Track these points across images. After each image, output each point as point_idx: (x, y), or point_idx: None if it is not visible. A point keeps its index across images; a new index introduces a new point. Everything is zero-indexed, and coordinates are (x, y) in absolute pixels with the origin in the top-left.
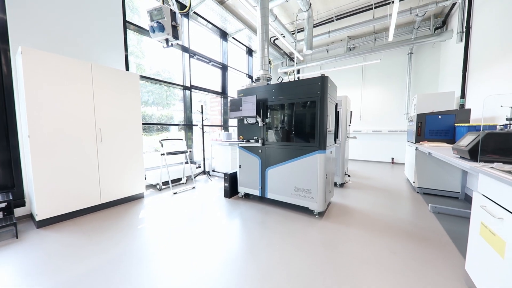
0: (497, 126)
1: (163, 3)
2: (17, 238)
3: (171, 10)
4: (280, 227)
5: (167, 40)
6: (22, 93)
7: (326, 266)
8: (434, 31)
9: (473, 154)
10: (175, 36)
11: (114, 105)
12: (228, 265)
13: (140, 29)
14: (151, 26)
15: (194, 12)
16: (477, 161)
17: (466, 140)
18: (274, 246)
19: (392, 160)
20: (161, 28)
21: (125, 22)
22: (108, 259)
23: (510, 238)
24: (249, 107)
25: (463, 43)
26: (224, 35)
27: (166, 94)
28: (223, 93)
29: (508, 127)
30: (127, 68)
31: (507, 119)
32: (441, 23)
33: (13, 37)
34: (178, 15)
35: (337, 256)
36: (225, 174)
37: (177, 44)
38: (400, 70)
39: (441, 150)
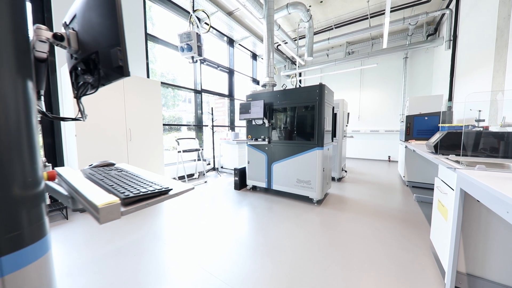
0: (469, 126)
1: (190, 26)
2: (67, 219)
3: (197, 33)
4: (284, 211)
5: (192, 57)
6: (68, 99)
7: (322, 238)
8: (427, 38)
9: (437, 148)
10: (200, 54)
11: (140, 109)
12: (244, 238)
13: (153, 38)
14: (181, 47)
15: (205, 23)
16: (439, 154)
17: (434, 138)
18: (280, 225)
19: (389, 158)
20: (190, 49)
21: (146, 34)
22: (143, 235)
23: (450, 206)
24: (257, 110)
25: (450, 50)
26: (231, 41)
27: (171, 95)
28: (230, 95)
29: (474, 127)
30: (148, 75)
31: (476, 121)
32: (433, 30)
33: (59, 49)
34: (202, 37)
35: (331, 232)
36: (235, 169)
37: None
38: (396, 74)
39: (422, 147)
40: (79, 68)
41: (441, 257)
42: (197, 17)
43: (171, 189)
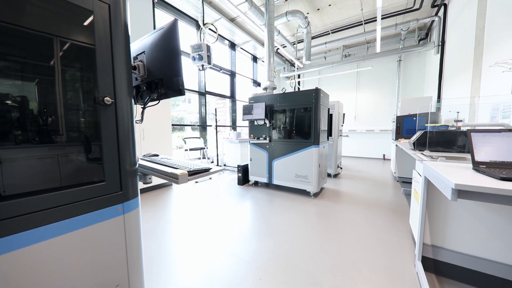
0: (448, 127)
1: (201, 37)
2: None
3: (207, 45)
4: (284, 203)
5: (202, 66)
6: None
7: (317, 224)
8: (419, 42)
9: (415, 145)
10: (209, 62)
11: (152, 110)
12: (249, 224)
13: None
14: (193, 56)
15: (209, 29)
16: (416, 150)
17: (414, 136)
18: (280, 214)
19: (384, 156)
20: (200, 58)
21: None
22: (159, 222)
23: (420, 191)
24: (259, 112)
25: (439, 55)
26: (232, 45)
27: None
28: (232, 97)
29: (452, 127)
30: None
31: (454, 121)
32: (425, 35)
33: None
34: (211, 47)
35: (325, 219)
36: (238, 166)
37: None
38: (390, 76)
39: (407, 145)
40: (143, 87)
41: (415, 235)
42: (204, 25)
43: (211, 168)
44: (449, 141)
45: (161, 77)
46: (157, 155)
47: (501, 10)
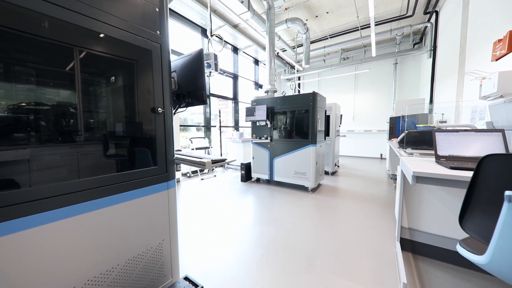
0: (434, 127)
1: (208, 48)
2: None
3: (214, 54)
4: (284, 197)
5: (210, 72)
6: None
7: (314, 215)
8: (414, 46)
9: (400, 143)
10: (216, 69)
11: None
12: (252, 215)
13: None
14: None
15: (216, 36)
16: (400, 148)
17: (400, 136)
18: (280, 206)
19: (381, 155)
20: (209, 66)
21: None
22: None
23: (399, 180)
24: (261, 113)
25: (431, 59)
26: (235, 49)
27: None
28: (235, 98)
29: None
30: None
31: (440, 122)
32: (419, 39)
33: None
34: (217, 56)
35: (322, 210)
36: (241, 164)
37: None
38: (387, 78)
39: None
40: (173, 98)
41: (397, 222)
42: (212, 35)
43: (226, 159)
44: (430, 140)
45: (189, 90)
46: (180, 150)
47: (479, 22)
